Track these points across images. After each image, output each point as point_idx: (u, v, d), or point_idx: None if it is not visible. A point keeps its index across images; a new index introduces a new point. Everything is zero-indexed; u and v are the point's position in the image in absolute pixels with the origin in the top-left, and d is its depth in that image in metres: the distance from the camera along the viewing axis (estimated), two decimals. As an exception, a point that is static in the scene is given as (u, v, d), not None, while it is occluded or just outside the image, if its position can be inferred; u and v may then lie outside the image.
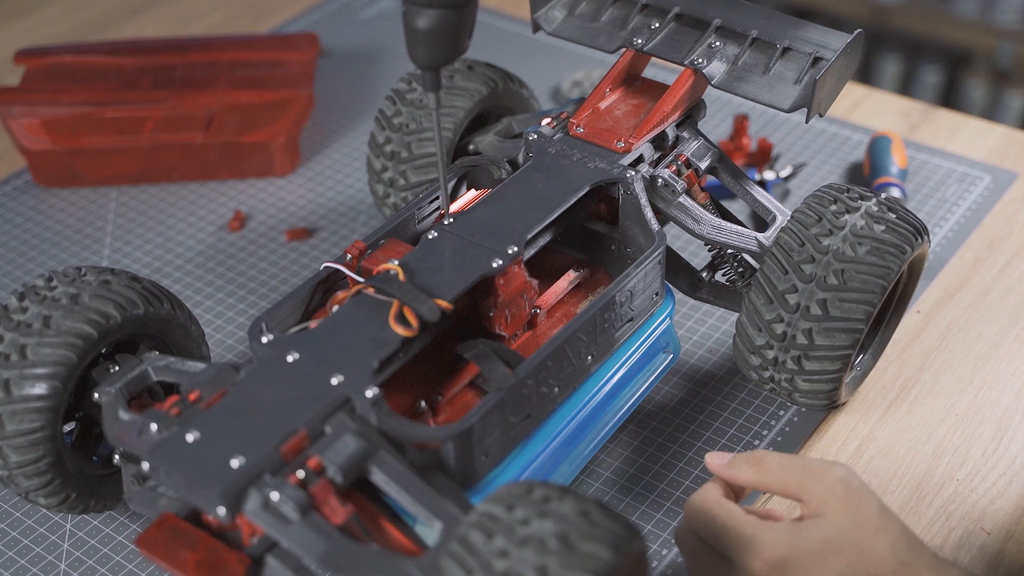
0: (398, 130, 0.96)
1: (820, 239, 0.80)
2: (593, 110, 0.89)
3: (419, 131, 0.96)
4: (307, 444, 0.68)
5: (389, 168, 0.97)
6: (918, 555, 0.70)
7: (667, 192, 0.85)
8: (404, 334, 0.72)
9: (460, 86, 0.96)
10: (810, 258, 0.80)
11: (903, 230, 0.81)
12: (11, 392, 0.75)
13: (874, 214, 0.82)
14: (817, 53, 0.86)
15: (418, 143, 0.96)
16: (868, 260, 0.79)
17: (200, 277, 1.08)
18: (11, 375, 0.75)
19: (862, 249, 0.80)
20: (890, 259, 0.80)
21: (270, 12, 1.47)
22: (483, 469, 0.73)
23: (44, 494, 0.78)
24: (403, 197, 0.97)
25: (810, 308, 0.79)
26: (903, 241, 0.81)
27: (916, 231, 0.82)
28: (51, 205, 1.17)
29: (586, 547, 0.60)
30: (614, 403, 0.83)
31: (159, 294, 0.81)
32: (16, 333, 0.76)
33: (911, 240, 0.81)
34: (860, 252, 0.80)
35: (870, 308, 0.79)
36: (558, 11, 0.95)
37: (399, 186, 0.96)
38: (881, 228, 0.81)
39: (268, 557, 0.67)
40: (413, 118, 0.96)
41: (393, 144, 0.96)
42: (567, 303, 0.84)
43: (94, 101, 1.16)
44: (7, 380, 0.75)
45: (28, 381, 0.75)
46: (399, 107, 0.97)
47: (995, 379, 0.95)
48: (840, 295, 0.79)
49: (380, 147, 0.97)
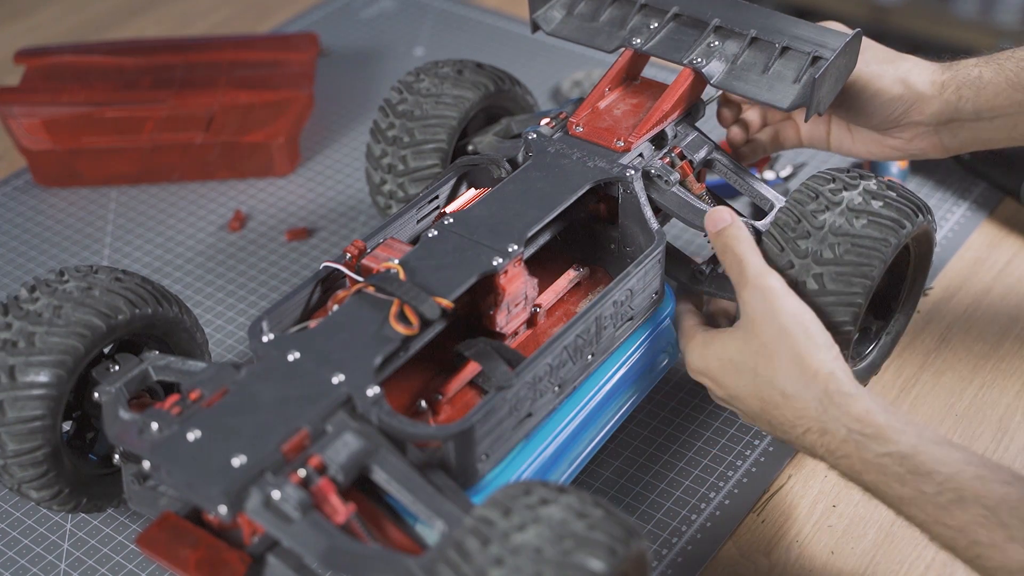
0: (402, 116, 0.97)
1: (816, 215, 0.80)
2: (592, 109, 0.89)
3: (423, 117, 0.96)
4: (308, 443, 0.68)
5: (389, 154, 0.97)
6: (806, 387, 0.73)
7: (661, 183, 0.85)
8: (405, 333, 0.72)
9: (449, 94, 0.96)
10: (806, 233, 0.80)
11: (902, 206, 0.81)
12: (15, 379, 0.75)
13: (872, 191, 0.81)
14: (816, 52, 0.86)
15: (421, 129, 0.96)
16: (865, 233, 0.79)
17: (200, 277, 1.08)
18: (17, 362, 0.75)
19: (859, 223, 0.79)
20: (888, 232, 0.79)
21: (270, 12, 1.47)
22: (484, 468, 0.73)
23: (37, 486, 0.78)
24: (399, 184, 0.97)
25: (807, 283, 0.79)
26: (902, 216, 0.80)
27: (916, 207, 0.81)
28: (51, 205, 1.17)
29: (581, 554, 0.60)
30: (614, 403, 0.83)
31: (168, 296, 0.82)
32: (25, 321, 0.76)
33: (910, 215, 0.80)
34: (857, 226, 0.79)
35: (868, 282, 0.79)
36: (557, 11, 0.95)
37: (397, 171, 0.96)
38: (879, 204, 0.80)
39: (269, 556, 0.67)
40: (418, 105, 0.96)
41: (396, 130, 0.97)
42: (567, 302, 0.84)
43: (94, 101, 1.16)
44: (12, 367, 0.75)
45: (33, 368, 0.75)
46: (405, 95, 0.98)
47: (995, 379, 0.95)
48: (837, 269, 0.78)
49: (383, 132, 0.97)
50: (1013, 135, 0.89)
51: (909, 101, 0.88)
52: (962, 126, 0.89)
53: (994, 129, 0.89)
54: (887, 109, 0.89)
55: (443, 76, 0.98)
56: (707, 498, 0.86)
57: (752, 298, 0.76)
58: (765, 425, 0.77)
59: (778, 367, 0.74)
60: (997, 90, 0.87)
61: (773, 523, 0.85)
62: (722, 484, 0.87)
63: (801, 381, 0.73)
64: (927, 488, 0.68)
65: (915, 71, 0.89)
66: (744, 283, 0.77)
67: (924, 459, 0.68)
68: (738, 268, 0.78)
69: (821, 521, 0.85)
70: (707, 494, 0.86)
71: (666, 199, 0.85)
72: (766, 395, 0.75)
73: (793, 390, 0.73)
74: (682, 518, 0.85)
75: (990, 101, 0.87)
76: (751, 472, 0.88)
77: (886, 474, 0.70)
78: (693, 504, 0.86)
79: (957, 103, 0.88)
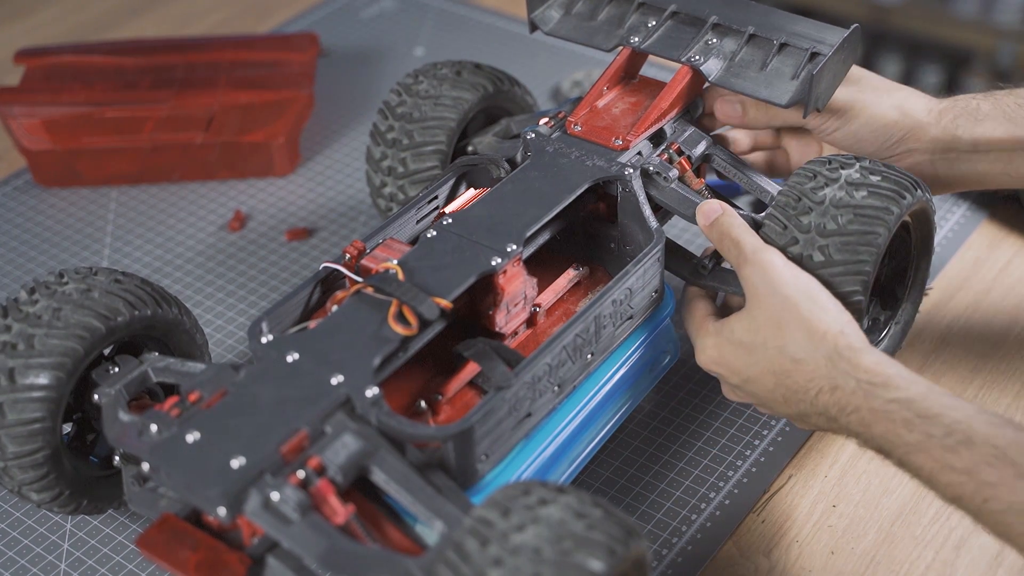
0: (401, 119, 0.96)
1: (816, 192, 0.80)
2: (591, 108, 0.89)
3: (422, 119, 0.96)
4: (307, 444, 0.68)
5: (389, 156, 0.97)
6: (816, 348, 0.73)
7: (660, 180, 0.85)
8: (404, 333, 0.72)
9: (448, 95, 0.96)
10: (807, 209, 0.80)
11: (900, 178, 0.81)
12: (15, 380, 0.75)
13: (868, 168, 0.82)
14: (814, 48, 0.86)
15: (420, 131, 0.96)
16: (867, 203, 0.79)
17: (200, 277, 1.08)
18: (16, 364, 0.75)
19: (859, 194, 0.80)
20: (889, 201, 0.80)
21: (270, 12, 1.47)
22: (483, 468, 0.73)
23: (37, 488, 0.78)
24: (400, 186, 0.97)
25: (813, 256, 0.79)
26: (901, 188, 0.81)
27: (913, 182, 0.82)
28: (51, 205, 1.17)
29: (580, 555, 0.60)
30: (614, 402, 0.83)
31: (168, 298, 0.82)
32: (25, 324, 0.76)
33: (909, 188, 0.81)
34: (857, 197, 0.80)
35: (874, 249, 0.79)
36: (555, 10, 0.95)
37: (397, 174, 0.96)
38: (877, 178, 0.81)
39: (269, 557, 0.67)
40: (417, 107, 0.96)
41: (395, 132, 0.97)
42: (566, 301, 0.84)
43: (94, 101, 1.16)
44: (12, 369, 0.75)
45: (33, 370, 0.75)
46: (404, 98, 0.98)
47: (995, 379, 0.95)
48: (842, 239, 0.79)
49: (382, 135, 0.97)
50: (1009, 171, 0.89)
51: (906, 127, 0.88)
52: (959, 157, 0.89)
53: (989, 163, 0.89)
54: (884, 135, 0.89)
55: (441, 77, 0.98)
56: (707, 498, 0.86)
57: (753, 274, 0.77)
58: (780, 402, 0.76)
59: (787, 335, 0.74)
60: (995, 124, 0.87)
61: (773, 523, 0.85)
62: (722, 484, 0.87)
63: (811, 344, 0.73)
64: (935, 431, 0.67)
65: (912, 99, 0.89)
66: (743, 261, 0.77)
67: (932, 403, 0.68)
68: (736, 249, 0.78)
69: (821, 521, 0.85)
70: (707, 494, 0.86)
71: (665, 196, 0.85)
72: (777, 365, 0.75)
73: (803, 354, 0.74)
74: (682, 518, 0.85)
75: (987, 134, 0.87)
76: (751, 472, 0.88)
77: (893, 421, 0.69)
78: (693, 504, 0.85)
79: (955, 131, 0.88)
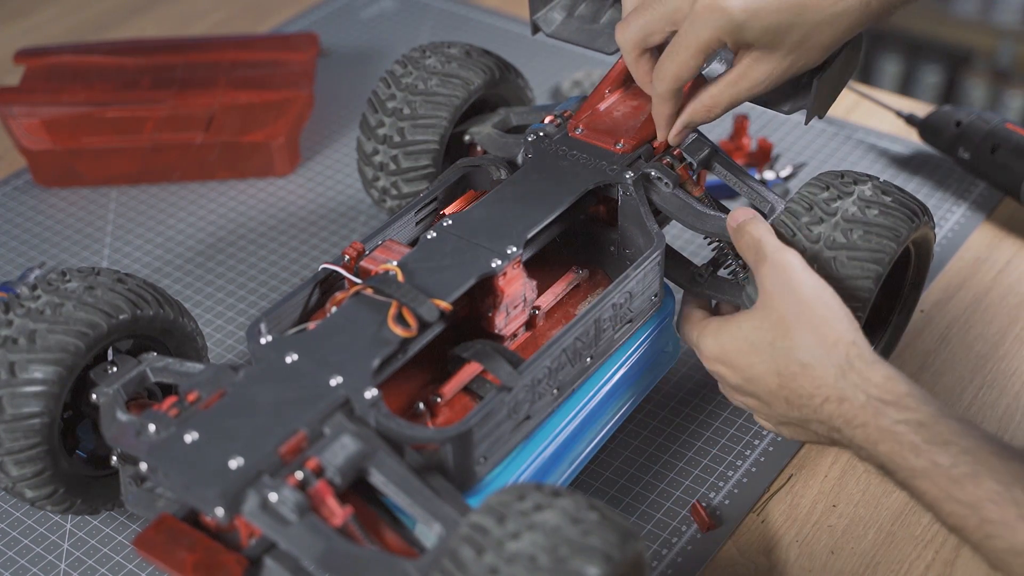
0: (392, 114, 0.96)
1: (829, 203, 0.81)
2: (592, 111, 0.89)
3: (413, 117, 0.96)
4: (306, 445, 0.68)
5: (386, 125, 0.96)
6: (826, 355, 0.72)
7: (661, 185, 0.85)
8: (403, 335, 0.72)
9: (456, 74, 0.96)
10: (819, 219, 0.80)
11: (909, 203, 0.82)
12: (15, 375, 0.75)
13: (880, 186, 0.83)
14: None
15: (412, 129, 0.95)
16: (878, 221, 0.80)
17: (200, 277, 1.08)
18: (17, 359, 0.75)
19: (871, 212, 0.80)
20: (899, 223, 0.80)
21: (270, 12, 1.47)
22: (482, 471, 0.73)
23: (32, 485, 0.78)
24: (392, 182, 0.96)
25: (817, 268, 0.79)
26: (910, 211, 0.81)
27: (921, 207, 0.83)
28: (51, 205, 1.17)
29: (577, 561, 0.60)
30: (614, 404, 0.83)
31: (169, 300, 0.82)
32: (27, 319, 0.76)
33: (917, 213, 0.82)
34: (870, 214, 0.80)
35: (880, 269, 0.79)
36: (557, 13, 0.95)
37: (389, 170, 0.96)
38: (889, 199, 0.82)
39: (266, 558, 0.67)
40: (408, 103, 0.96)
41: (386, 128, 0.96)
42: (566, 304, 0.84)
43: (94, 101, 1.15)
44: (12, 363, 0.75)
45: (33, 365, 0.75)
46: (393, 91, 0.97)
47: (995, 379, 0.95)
48: (848, 253, 0.79)
49: (372, 130, 0.97)
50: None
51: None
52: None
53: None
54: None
55: (450, 56, 0.97)
56: (707, 498, 0.86)
57: (769, 273, 0.76)
58: (781, 404, 0.75)
59: (796, 338, 0.73)
60: None
61: (773, 523, 0.85)
62: (722, 484, 0.87)
63: (821, 349, 0.72)
64: (942, 460, 0.67)
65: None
66: (762, 259, 0.76)
67: (942, 429, 0.68)
68: (755, 248, 0.77)
69: (821, 521, 0.85)
70: (707, 494, 0.86)
71: (665, 202, 0.85)
72: (783, 367, 0.74)
73: (812, 359, 0.73)
74: (682, 518, 0.85)
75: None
76: (751, 472, 0.88)
77: (901, 443, 0.68)
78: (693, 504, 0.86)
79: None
